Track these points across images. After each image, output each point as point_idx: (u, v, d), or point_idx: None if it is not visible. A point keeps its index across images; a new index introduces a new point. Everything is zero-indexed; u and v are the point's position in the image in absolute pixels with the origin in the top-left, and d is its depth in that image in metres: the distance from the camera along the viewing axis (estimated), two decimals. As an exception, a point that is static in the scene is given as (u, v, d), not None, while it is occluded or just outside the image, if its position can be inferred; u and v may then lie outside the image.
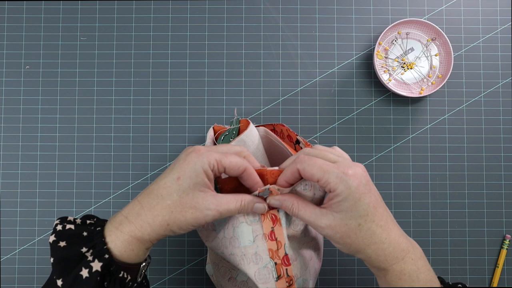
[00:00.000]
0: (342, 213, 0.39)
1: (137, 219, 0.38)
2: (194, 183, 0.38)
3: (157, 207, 0.38)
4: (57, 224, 0.39)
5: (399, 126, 0.63)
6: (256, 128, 0.53)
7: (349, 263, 0.62)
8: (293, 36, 0.64)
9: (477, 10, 0.64)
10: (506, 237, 0.62)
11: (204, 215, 0.39)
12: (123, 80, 0.63)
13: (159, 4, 0.64)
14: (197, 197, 0.38)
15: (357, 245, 0.39)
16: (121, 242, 0.38)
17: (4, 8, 0.64)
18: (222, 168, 0.40)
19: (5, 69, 0.63)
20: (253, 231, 0.42)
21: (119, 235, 0.38)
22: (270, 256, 0.42)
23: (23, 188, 0.62)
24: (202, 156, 0.39)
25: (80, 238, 0.38)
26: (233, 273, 0.50)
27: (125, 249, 0.38)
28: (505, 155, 0.63)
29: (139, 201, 0.39)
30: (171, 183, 0.39)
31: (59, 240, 0.38)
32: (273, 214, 0.43)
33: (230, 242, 0.43)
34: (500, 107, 0.63)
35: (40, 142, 0.63)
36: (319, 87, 0.64)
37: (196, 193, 0.38)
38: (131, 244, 0.38)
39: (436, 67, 0.63)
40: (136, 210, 0.39)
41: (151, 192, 0.39)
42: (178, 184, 0.38)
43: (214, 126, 0.54)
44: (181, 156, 0.40)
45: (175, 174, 0.39)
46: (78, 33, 0.64)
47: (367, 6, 0.64)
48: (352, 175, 0.38)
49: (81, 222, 0.40)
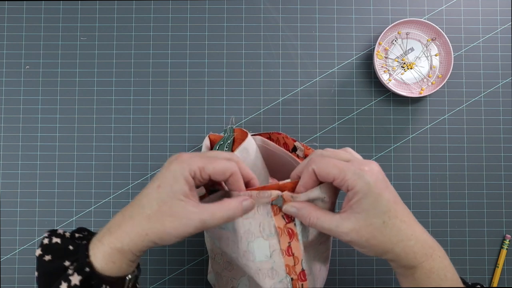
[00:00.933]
0: (364, 212, 0.37)
1: (118, 230, 0.37)
2: (173, 191, 0.37)
3: (137, 217, 0.37)
4: (44, 237, 0.39)
5: (399, 126, 0.63)
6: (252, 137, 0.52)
7: (349, 263, 0.62)
8: (293, 36, 0.64)
9: (477, 10, 0.64)
10: (506, 237, 0.62)
11: (184, 225, 0.37)
12: (123, 80, 0.63)
13: (159, 4, 0.64)
14: (176, 206, 0.37)
15: (384, 245, 0.38)
16: (102, 255, 0.37)
17: (4, 8, 0.64)
18: (206, 174, 0.38)
19: (5, 69, 0.63)
20: (270, 246, 0.41)
21: (100, 247, 0.37)
22: (287, 271, 0.41)
23: (23, 188, 0.62)
24: (184, 163, 0.37)
25: (65, 252, 0.38)
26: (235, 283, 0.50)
27: (106, 261, 0.37)
28: (505, 155, 0.63)
29: (122, 212, 0.38)
30: (152, 192, 0.37)
31: (45, 254, 0.37)
32: (290, 228, 0.41)
33: (244, 255, 0.42)
34: (500, 107, 0.63)
35: (40, 142, 0.63)
36: (319, 87, 0.64)
37: (175, 202, 0.37)
38: (112, 256, 0.37)
39: (436, 67, 0.63)
40: (118, 221, 0.38)
41: (134, 202, 0.38)
42: (158, 192, 0.37)
43: (210, 135, 0.54)
44: (165, 164, 0.39)
45: (156, 182, 0.38)
46: (78, 33, 0.64)
47: (367, 6, 0.64)
48: (369, 171, 0.37)
49: (70, 236, 0.39)
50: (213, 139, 0.53)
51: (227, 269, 0.51)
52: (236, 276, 0.50)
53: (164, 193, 0.37)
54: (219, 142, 0.51)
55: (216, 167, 0.38)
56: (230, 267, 0.51)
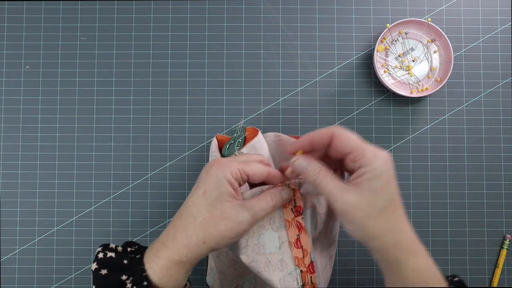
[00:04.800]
0: (371, 191, 0.37)
1: (173, 242, 0.38)
2: (219, 194, 0.38)
3: (189, 227, 0.38)
4: (99, 251, 0.40)
5: (399, 126, 0.63)
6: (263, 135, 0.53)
7: (349, 263, 0.62)
8: (293, 36, 0.64)
9: (477, 10, 0.64)
10: (506, 237, 0.62)
11: (237, 224, 0.38)
12: (123, 80, 0.63)
13: (159, 4, 0.64)
14: (226, 207, 0.38)
15: (375, 229, 0.37)
16: (159, 268, 0.38)
17: (4, 8, 0.64)
18: (245, 175, 0.39)
19: (5, 69, 0.63)
20: (279, 237, 0.42)
21: (157, 261, 0.38)
22: (296, 263, 0.42)
23: (23, 188, 0.62)
24: (224, 166, 0.39)
25: (121, 266, 0.39)
26: (240, 281, 0.50)
27: (163, 274, 0.38)
28: (505, 155, 0.63)
29: (173, 225, 0.39)
30: (198, 199, 0.38)
31: (101, 268, 0.38)
32: (298, 221, 0.43)
33: (253, 249, 0.43)
34: (500, 107, 0.63)
35: (40, 142, 0.63)
36: (319, 87, 0.64)
37: (224, 204, 0.38)
38: (169, 269, 0.38)
39: (436, 67, 0.63)
40: (172, 234, 0.39)
41: (182, 213, 0.39)
42: (205, 198, 0.38)
43: (217, 136, 0.54)
44: (203, 172, 0.40)
45: (200, 190, 0.38)
46: (78, 33, 0.64)
47: (367, 6, 0.64)
48: (385, 157, 0.38)
49: (122, 250, 0.41)
50: (221, 140, 0.54)
51: (233, 267, 0.52)
52: (242, 274, 0.51)
53: (211, 198, 0.38)
54: (229, 141, 0.52)
55: (254, 168, 0.40)
56: (236, 265, 0.51)
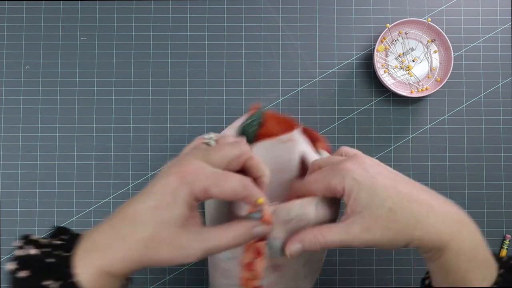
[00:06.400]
0: (366, 208, 0.34)
1: (109, 251, 0.32)
2: (173, 216, 0.32)
3: (129, 239, 0.32)
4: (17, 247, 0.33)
5: (399, 126, 0.63)
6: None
7: (349, 263, 0.62)
8: (293, 36, 0.64)
9: (477, 10, 0.64)
10: (506, 237, 0.62)
11: (183, 256, 0.32)
12: (123, 80, 0.63)
13: (159, 4, 0.64)
14: (175, 233, 0.32)
15: (402, 233, 0.34)
16: (91, 276, 0.31)
17: (4, 8, 0.64)
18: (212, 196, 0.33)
19: (5, 69, 0.63)
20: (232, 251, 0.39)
21: (89, 268, 0.32)
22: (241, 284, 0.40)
23: (23, 188, 0.62)
24: (188, 184, 0.32)
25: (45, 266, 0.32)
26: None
27: (96, 283, 0.32)
28: (505, 155, 0.63)
29: (112, 225, 0.33)
30: (148, 212, 0.32)
31: (21, 269, 0.32)
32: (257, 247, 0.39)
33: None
34: (500, 107, 0.63)
35: (40, 142, 0.63)
36: (319, 87, 0.64)
37: (174, 229, 0.32)
38: (102, 279, 0.32)
39: (436, 67, 0.63)
40: (108, 237, 0.32)
41: (126, 216, 0.33)
42: (154, 214, 0.32)
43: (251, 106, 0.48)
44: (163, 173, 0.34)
45: (152, 201, 0.32)
46: (78, 33, 0.64)
47: (367, 6, 0.64)
48: (351, 166, 0.35)
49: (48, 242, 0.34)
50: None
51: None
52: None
53: (161, 216, 0.32)
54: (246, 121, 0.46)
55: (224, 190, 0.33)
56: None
